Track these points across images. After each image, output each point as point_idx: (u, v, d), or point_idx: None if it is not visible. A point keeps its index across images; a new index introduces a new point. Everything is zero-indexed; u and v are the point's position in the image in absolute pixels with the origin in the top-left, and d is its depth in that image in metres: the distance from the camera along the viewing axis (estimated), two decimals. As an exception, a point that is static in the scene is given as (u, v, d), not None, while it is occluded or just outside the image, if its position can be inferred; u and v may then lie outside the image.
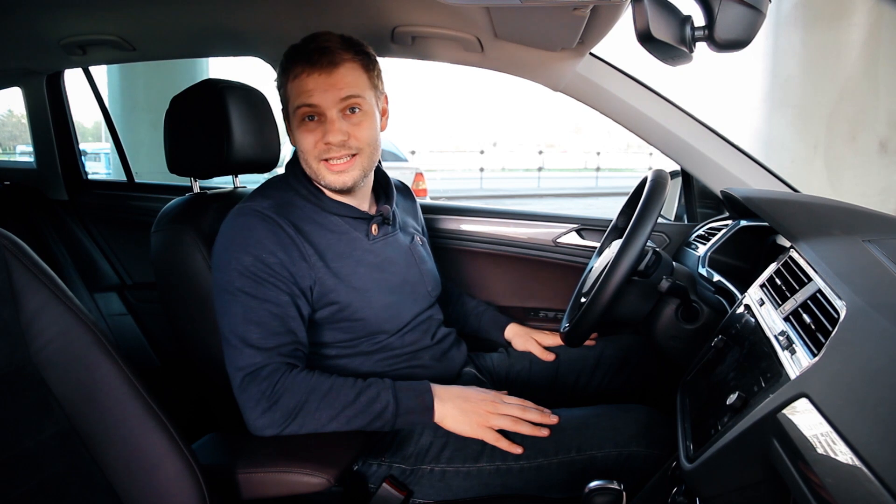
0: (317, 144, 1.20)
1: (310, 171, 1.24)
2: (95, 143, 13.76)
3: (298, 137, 1.21)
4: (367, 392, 1.12)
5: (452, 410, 1.15)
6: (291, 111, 1.21)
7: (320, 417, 1.09)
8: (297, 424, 1.09)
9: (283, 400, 1.08)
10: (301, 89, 1.18)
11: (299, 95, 1.18)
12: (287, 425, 1.08)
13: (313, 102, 1.18)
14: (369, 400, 1.11)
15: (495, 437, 1.16)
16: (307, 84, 1.18)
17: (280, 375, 1.09)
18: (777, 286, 0.97)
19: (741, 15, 0.84)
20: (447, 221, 1.97)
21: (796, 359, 0.73)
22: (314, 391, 1.10)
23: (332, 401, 1.10)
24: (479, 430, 1.16)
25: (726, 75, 5.76)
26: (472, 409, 1.16)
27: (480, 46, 1.55)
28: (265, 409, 1.07)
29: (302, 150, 1.22)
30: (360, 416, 1.11)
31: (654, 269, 1.23)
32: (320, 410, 1.09)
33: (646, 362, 1.49)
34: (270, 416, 1.08)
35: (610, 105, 1.61)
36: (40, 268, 0.85)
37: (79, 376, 0.85)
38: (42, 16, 1.64)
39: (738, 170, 1.55)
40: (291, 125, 1.24)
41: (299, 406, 1.08)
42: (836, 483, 0.55)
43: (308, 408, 1.09)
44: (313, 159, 1.21)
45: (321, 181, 1.24)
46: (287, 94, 1.22)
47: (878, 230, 1.03)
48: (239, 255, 1.14)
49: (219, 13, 1.59)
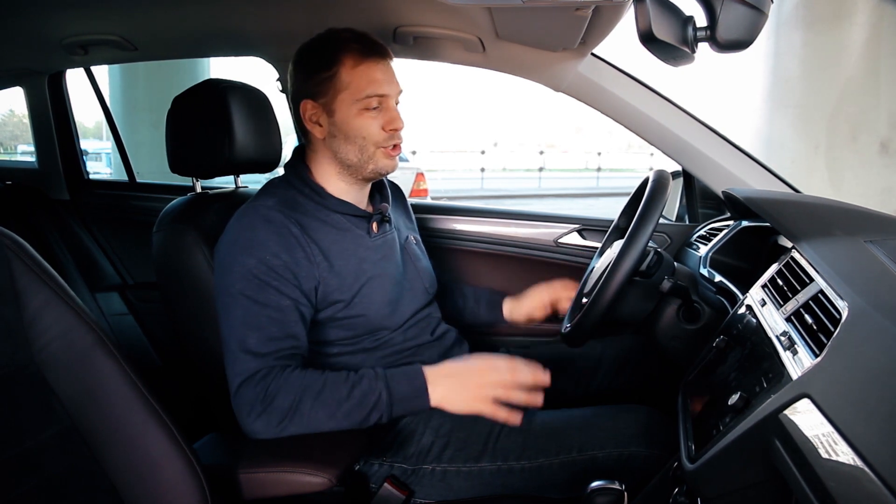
0: (380, 131, 1.22)
1: (361, 157, 1.24)
2: (97, 143, 13.76)
3: (360, 124, 1.21)
4: (359, 386, 1.09)
5: (446, 392, 1.11)
6: (351, 99, 1.21)
7: (317, 417, 1.07)
8: (294, 425, 1.06)
9: (276, 402, 1.05)
10: (371, 78, 1.20)
11: (370, 84, 1.20)
12: (283, 427, 1.06)
13: (384, 92, 1.22)
14: (363, 394, 1.08)
15: (492, 410, 1.10)
16: (376, 73, 1.21)
17: (273, 378, 1.07)
18: (779, 286, 0.97)
19: (743, 15, 0.84)
20: (448, 222, 1.97)
21: (798, 359, 0.73)
22: (307, 390, 1.07)
23: (327, 399, 1.07)
24: (474, 405, 1.10)
25: (727, 75, 5.76)
26: (464, 385, 1.11)
27: (482, 46, 1.55)
28: (259, 412, 1.05)
29: (364, 136, 1.22)
30: (357, 410, 1.08)
31: (656, 269, 1.23)
32: (315, 410, 1.06)
33: (647, 362, 1.49)
34: (266, 420, 1.05)
35: (611, 105, 1.61)
36: (42, 267, 0.85)
37: (80, 376, 0.85)
38: (44, 16, 1.64)
39: (739, 170, 1.55)
40: (344, 114, 1.22)
41: (293, 407, 1.06)
42: (837, 483, 0.55)
43: (302, 408, 1.06)
44: (372, 144, 1.23)
45: (372, 167, 1.25)
46: (341, 83, 1.20)
47: (879, 231, 1.03)
48: (242, 257, 1.13)
49: (221, 13, 1.59)
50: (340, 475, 1.04)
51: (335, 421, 1.07)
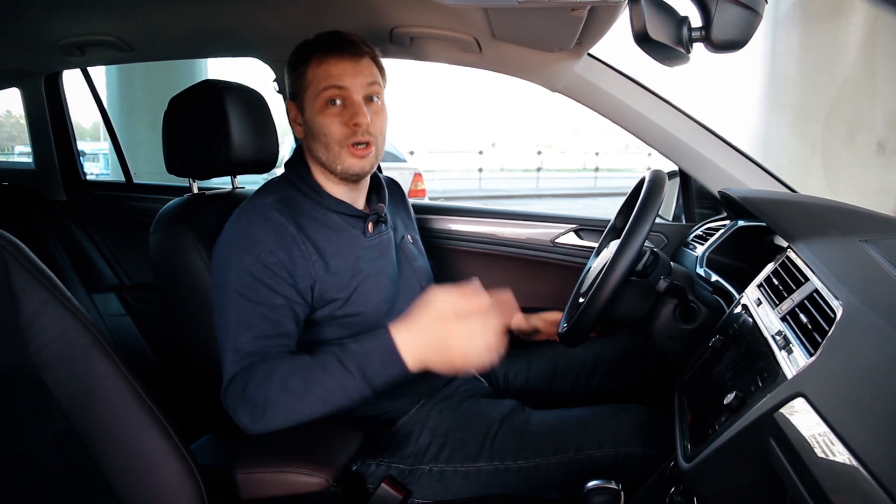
0: (342, 127, 1.20)
1: (328, 156, 1.22)
2: (94, 144, 13.73)
3: (322, 122, 1.21)
4: (332, 370, 1.01)
5: (423, 353, 1.00)
6: (313, 95, 1.21)
7: (293, 407, 1.01)
8: (273, 416, 1.01)
9: (251, 396, 1.01)
10: (329, 73, 1.20)
11: (327, 78, 1.20)
12: (266, 419, 1.01)
13: (343, 84, 1.20)
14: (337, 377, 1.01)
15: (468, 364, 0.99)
16: (335, 68, 1.20)
17: (252, 371, 1.04)
18: (774, 286, 0.97)
19: (738, 16, 0.85)
20: (446, 222, 1.97)
21: (793, 358, 0.74)
22: (280, 381, 1.01)
23: (300, 389, 1.01)
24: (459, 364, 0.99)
25: (724, 75, 5.77)
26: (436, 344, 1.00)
27: (478, 47, 1.55)
28: (240, 407, 1.02)
29: (325, 134, 1.21)
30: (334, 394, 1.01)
31: (652, 269, 1.23)
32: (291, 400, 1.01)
33: (644, 362, 1.50)
34: (248, 414, 1.01)
35: (608, 105, 1.61)
36: (39, 269, 0.85)
37: (78, 377, 0.85)
38: (40, 16, 1.64)
39: (735, 170, 1.56)
40: (310, 112, 1.23)
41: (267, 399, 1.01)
42: (832, 482, 0.55)
43: (277, 400, 1.01)
44: (336, 143, 1.21)
45: (339, 166, 1.22)
46: (307, 81, 1.22)
47: (875, 230, 1.03)
48: (239, 255, 1.13)
49: (217, 14, 1.59)
50: (337, 475, 1.04)
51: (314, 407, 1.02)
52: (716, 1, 0.84)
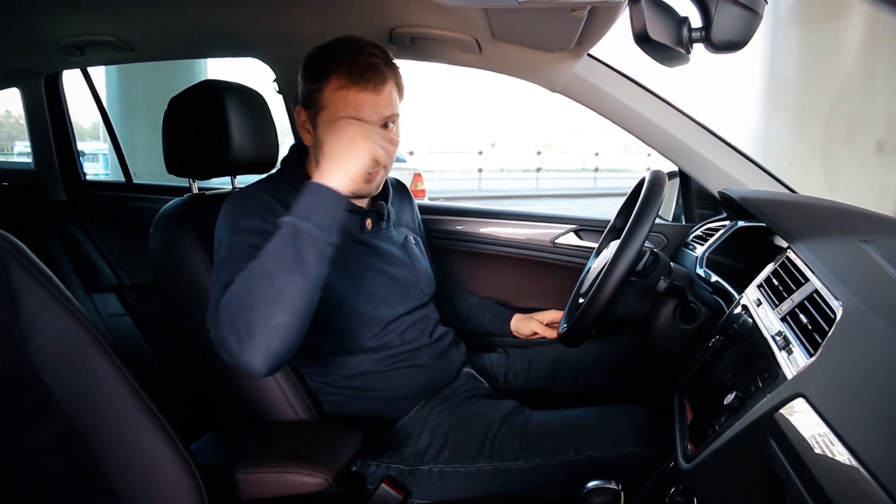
0: None
1: None
2: (93, 144, 13.73)
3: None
4: (273, 239, 0.97)
5: (339, 167, 1.00)
6: (328, 119, 1.18)
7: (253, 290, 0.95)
8: (249, 325, 0.94)
9: (222, 316, 0.96)
10: (349, 102, 1.17)
11: (345, 108, 1.17)
12: (248, 334, 0.94)
13: (361, 117, 1.16)
14: (278, 236, 0.97)
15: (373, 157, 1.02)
16: (357, 99, 1.17)
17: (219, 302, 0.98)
18: (774, 286, 0.97)
19: (738, 16, 0.85)
20: (446, 222, 1.97)
21: (793, 359, 0.73)
22: (237, 282, 0.97)
23: (253, 273, 0.96)
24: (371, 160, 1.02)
25: (724, 76, 5.77)
26: (354, 160, 1.00)
27: (478, 47, 1.55)
28: (222, 340, 0.96)
29: None
30: (282, 254, 0.95)
31: (652, 269, 1.23)
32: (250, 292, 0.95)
33: (643, 363, 1.50)
34: (232, 342, 0.95)
35: (608, 106, 1.61)
36: (39, 269, 0.85)
37: (78, 377, 0.85)
38: (40, 16, 1.64)
39: (735, 170, 1.56)
40: (320, 130, 1.20)
41: (234, 305, 0.96)
42: (832, 482, 0.55)
43: (241, 300, 0.95)
44: None
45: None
46: (323, 100, 1.19)
47: (874, 231, 1.03)
48: (229, 234, 1.12)
49: (217, 14, 1.59)
50: (337, 476, 1.04)
51: (277, 285, 0.94)
52: (716, 1, 0.84)
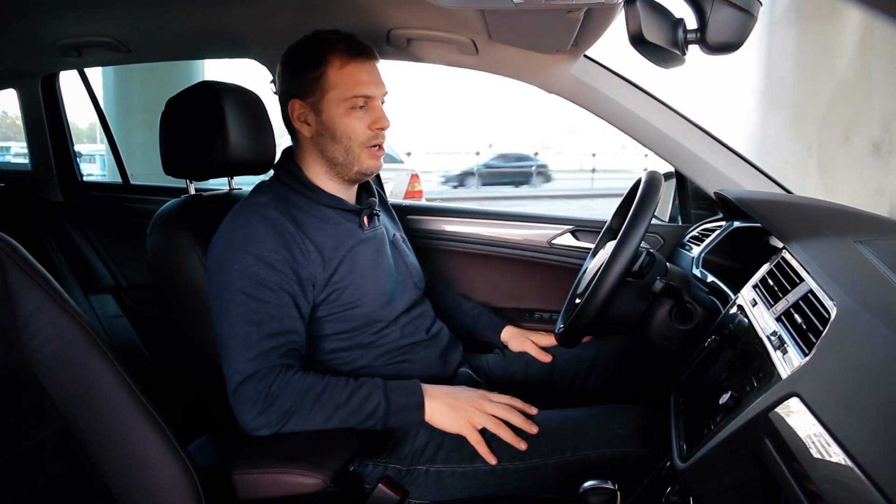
0: (366, 130, 1.25)
1: (347, 157, 1.27)
2: (90, 145, 13.71)
3: (347, 123, 1.24)
4: (359, 392, 1.13)
5: (441, 407, 1.17)
6: (337, 99, 1.23)
7: (314, 418, 1.10)
8: (291, 425, 1.10)
9: (278, 402, 1.09)
10: (357, 79, 1.23)
11: (356, 85, 1.23)
12: (282, 426, 1.09)
13: (370, 93, 1.25)
14: (361, 400, 1.13)
15: (477, 439, 1.16)
16: (362, 75, 1.24)
17: (275, 377, 1.10)
18: (769, 287, 0.97)
19: (733, 18, 0.85)
20: (443, 223, 1.98)
21: (788, 358, 0.74)
22: (308, 393, 1.11)
23: (326, 402, 1.11)
24: (464, 427, 1.16)
25: (720, 77, 5.78)
26: (460, 406, 1.17)
27: (475, 48, 1.56)
28: (261, 411, 1.08)
29: (349, 136, 1.25)
30: (353, 416, 1.12)
31: (648, 270, 1.23)
32: (314, 412, 1.10)
33: (640, 363, 1.50)
34: (266, 418, 1.08)
35: (604, 107, 1.62)
36: (36, 270, 0.85)
37: (75, 378, 0.85)
38: (37, 17, 1.63)
39: (731, 171, 1.56)
40: (331, 114, 1.25)
41: (294, 408, 1.09)
42: (826, 481, 0.55)
43: (302, 409, 1.10)
44: (358, 145, 1.26)
45: (357, 167, 1.28)
46: (328, 83, 1.23)
47: (869, 231, 1.04)
48: (240, 255, 1.14)
49: (214, 15, 1.59)
50: (335, 476, 1.04)
51: (330, 423, 1.11)
52: (711, 3, 0.85)
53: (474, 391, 1.21)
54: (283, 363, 1.13)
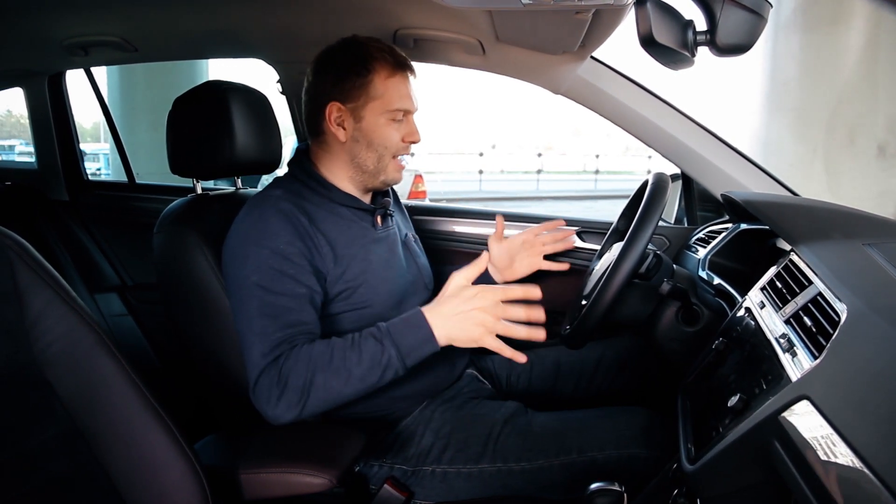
0: (400, 143, 1.27)
1: (378, 165, 1.28)
2: (94, 144, 13.75)
3: (386, 134, 1.25)
4: (367, 347, 1.07)
5: (451, 328, 1.08)
6: (381, 108, 1.24)
7: (332, 386, 1.05)
8: (313, 400, 1.05)
9: (290, 381, 1.05)
10: (402, 92, 1.25)
11: (401, 98, 1.25)
12: (304, 405, 1.05)
13: (409, 108, 1.27)
14: (371, 355, 1.06)
15: (498, 346, 1.08)
16: (407, 88, 1.27)
17: (283, 359, 1.07)
18: (777, 289, 0.97)
19: (743, 20, 0.85)
20: (447, 224, 1.98)
21: (797, 361, 0.74)
22: (316, 361, 1.06)
23: (339, 366, 1.05)
24: (482, 336, 1.07)
25: (726, 79, 5.78)
26: (467, 315, 1.07)
27: (482, 49, 1.56)
28: (278, 396, 1.05)
29: (385, 145, 1.26)
30: (370, 372, 1.06)
31: (655, 271, 1.23)
32: (330, 379, 1.05)
33: (646, 364, 1.50)
34: (286, 402, 1.05)
35: (611, 108, 1.62)
36: (44, 268, 0.85)
37: (82, 376, 0.85)
38: (45, 17, 1.64)
39: (737, 173, 1.56)
40: (373, 121, 1.25)
41: (308, 381, 1.05)
42: (837, 484, 0.55)
43: (316, 380, 1.05)
44: (389, 154, 1.28)
45: (384, 176, 1.29)
46: (374, 90, 1.23)
47: (877, 234, 1.04)
48: (256, 249, 1.14)
49: (221, 15, 1.59)
50: (341, 476, 1.04)
51: (352, 387, 1.06)
52: (721, 5, 0.85)
53: (468, 293, 1.09)
54: (292, 345, 1.10)
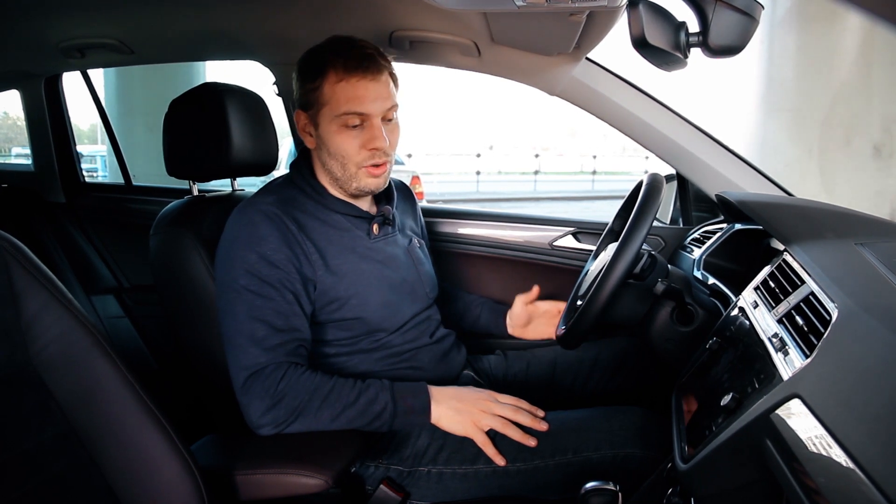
0: (360, 150, 1.21)
1: (344, 174, 1.24)
2: (91, 146, 13.72)
3: (339, 142, 1.20)
4: (366, 393, 1.13)
5: (447, 411, 1.17)
6: (330, 115, 1.19)
7: (321, 417, 1.10)
8: (298, 424, 1.10)
9: (286, 400, 1.09)
10: (350, 95, 1.17)
11: (348, 101, 1.17)
12: (288, 424, 1.09)
13: (365, 111, 1.18)
14: (368, 401, 1.12)
15: (484, 441, 1.16)
16: (358, 90, 1.17)
17: (283, 374, 1.10)
18: (771, 289, 0.97)
19: (735, 21, 0.86)
20: (444, 224, 1.98)
21: (789, 360, 0.74)
22: (316, 391, 1.11)
23: (334, 402, 1.11)
24: (470, 429, 1.17)
25: (721, 79, 5.79)
26: (466, 409, 1.17)
27: (478, 51, 1.56)
28: (268, 407, 1.08)
29: (342, 154, 1.21)
30: (360, 416, 1.12)
31: (650, 272, 1.23)
32: (322, 410, 1.10)
33: (641, 364, 1.50)
34: (273, 415, 1.08)
35: (606, 109, 1.62)
36: (40, 270, 0.85)
37: (78, 378, 0.86)
38: (41, 19, 1.64)
39: (732, 173, 1.57)
40: (326, 130, 1.21)
41: (301, 406, 1.09)
42: (828, 482, 0.56)
43: (310, 408, 1.10)
44: (353, 164, 1.22)
45: (355, 185, 1.24)
46: (323, 97, 1.19)
47: (870, 233, 1.04)
48: (244, 252, 1.15)
49: (217, 17, 1.59)
50: (337, 477, 1.04)
51: (337, 423, 1.12)
52: (713, 6, 0.85)
53: (481, 392, 1.21)
54: (291, 361, 1.13)
